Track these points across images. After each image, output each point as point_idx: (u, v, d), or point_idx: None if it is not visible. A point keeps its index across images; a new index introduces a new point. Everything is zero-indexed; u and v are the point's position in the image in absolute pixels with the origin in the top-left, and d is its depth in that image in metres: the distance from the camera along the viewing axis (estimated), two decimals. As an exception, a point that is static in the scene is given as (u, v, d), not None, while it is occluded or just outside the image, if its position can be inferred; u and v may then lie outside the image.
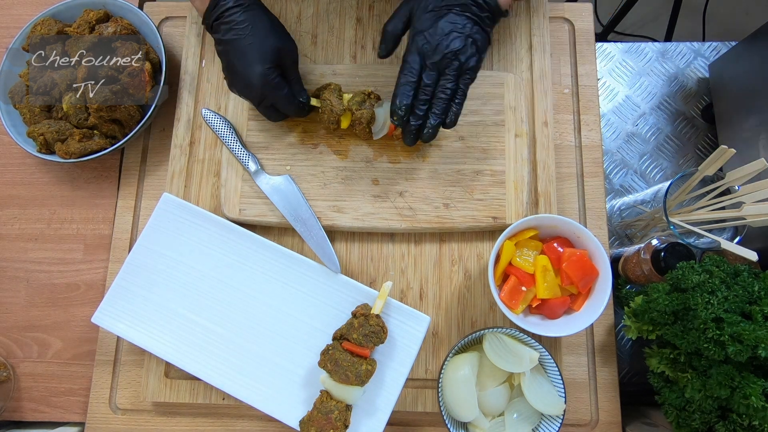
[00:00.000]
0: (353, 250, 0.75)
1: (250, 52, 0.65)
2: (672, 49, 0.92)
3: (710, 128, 0.88)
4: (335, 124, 0.71)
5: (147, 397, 0.71)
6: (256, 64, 0.65)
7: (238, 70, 0.66)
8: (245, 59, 0.66)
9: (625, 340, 0.80)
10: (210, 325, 0.70)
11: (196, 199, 0.77)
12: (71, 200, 0.82)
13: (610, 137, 0.88)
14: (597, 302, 0.65)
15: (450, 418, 0.64)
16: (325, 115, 0.70)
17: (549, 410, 0.63)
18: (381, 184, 0.74)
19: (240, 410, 0.72)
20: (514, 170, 0.74)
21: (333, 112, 0.70)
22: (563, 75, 0.83)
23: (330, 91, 0.71)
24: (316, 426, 0.62)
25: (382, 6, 0.84)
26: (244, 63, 0.66)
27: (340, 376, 0.63)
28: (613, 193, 0.86)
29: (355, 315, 0.67)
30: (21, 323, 0.78)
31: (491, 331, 0.66)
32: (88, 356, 0.77)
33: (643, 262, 0.70)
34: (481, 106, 0.76)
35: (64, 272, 0.79)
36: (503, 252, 0.67)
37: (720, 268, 0.63)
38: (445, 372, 0.65)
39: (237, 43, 0.66)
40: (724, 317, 0.58)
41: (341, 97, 0.71)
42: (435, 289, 0.74)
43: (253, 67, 0.65)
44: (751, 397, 0.56)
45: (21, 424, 0.77)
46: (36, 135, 0.76)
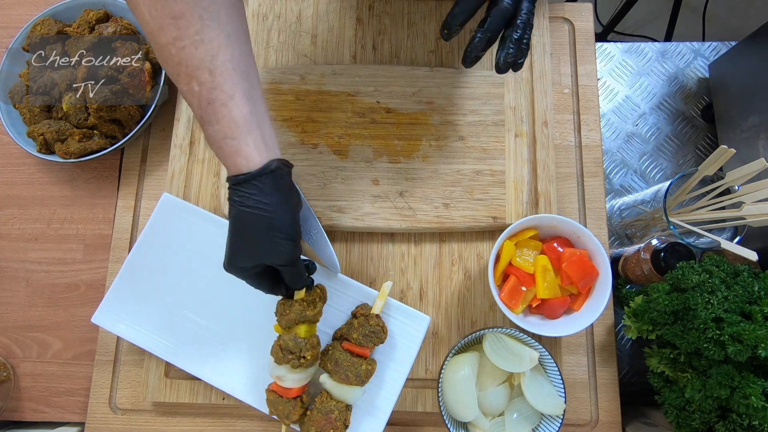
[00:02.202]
0: (353, 250, 0.75)
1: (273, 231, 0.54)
2: (672, 49, 0.92)
3: (710, 128, 0.88)
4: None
5: (147, 397, 0.71)
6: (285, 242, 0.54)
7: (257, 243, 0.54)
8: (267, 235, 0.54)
9: (625, 340, 0.80)
10: (210, 324, 0.70)
11: (196, 199, 0.77)
12: (71, 200, 0.82)
13: (610, 137, 0.88)
14: (597, 302, 0.65)
15: (450, 418, 0.64)
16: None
17: (549, 410, 0.63)
18: (381, 184, 0.74)
19: (240, 410, 0.72)
20: (514, 170, 0.74)
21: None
22: (563, 75, 0.84)
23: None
24: (316, 426, 0.62)
25: (382, 6, 0.84)
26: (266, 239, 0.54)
27: (340, 376, 0.63)
28: (613, 193, 0.86)
29: (355, 315, 0.67)
30: (21, 323, 0.78)
31: (491, 331, 0.66)
32: (88, 356, 0.77)
33: (643, 262, 0.70)
34: (481, 106, 0.76)
35: (64, 272, 0.79)
36: (503, 252, 0.67)
37: (720, 268, 0.63)
38: (445, 372, 0.65)
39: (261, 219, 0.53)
40: (724, 317, 0.58)
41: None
42: (435, 289, 0.74)
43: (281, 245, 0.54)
44: (751, 397, 0.56)
45: (21, 424, 0.77)
46: (36, 135, 0.76)
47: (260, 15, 0.83)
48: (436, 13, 0.83)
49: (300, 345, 0.60)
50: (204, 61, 0.49)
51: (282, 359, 0.61)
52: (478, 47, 0.53)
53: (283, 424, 0.63)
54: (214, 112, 0.50)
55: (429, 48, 0.82)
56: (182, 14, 0.48)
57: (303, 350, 0.60)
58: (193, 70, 0.49)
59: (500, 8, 0.51)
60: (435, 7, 0.84)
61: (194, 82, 0.49)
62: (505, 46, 0.53)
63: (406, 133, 0.75)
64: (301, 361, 0.60)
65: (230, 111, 0.51)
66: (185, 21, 0.48)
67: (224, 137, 0.51)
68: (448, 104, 0.76)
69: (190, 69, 0.49)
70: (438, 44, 0.82)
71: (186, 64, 0.49)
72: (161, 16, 0.48)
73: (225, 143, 0.51)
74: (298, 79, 0.77)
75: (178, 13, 0.48)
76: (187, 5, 0.48)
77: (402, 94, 0.77)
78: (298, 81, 0.77)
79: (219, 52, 0.50)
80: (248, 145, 0.51)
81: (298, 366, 0.60)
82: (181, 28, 0.48)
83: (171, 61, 0.49)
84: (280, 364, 0.61)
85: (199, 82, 0.49)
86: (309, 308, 0.61)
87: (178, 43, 0.48)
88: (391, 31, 0.83)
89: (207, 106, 0.50)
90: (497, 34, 0.53)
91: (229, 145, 0.51)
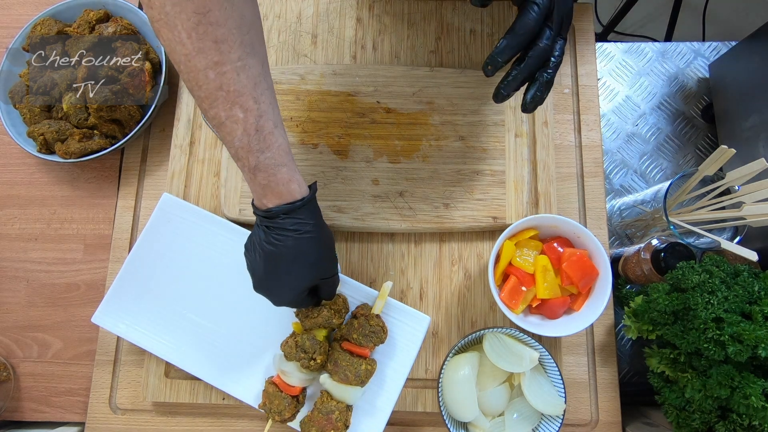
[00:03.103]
0: (353, 250, 0.75)
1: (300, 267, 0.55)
2: (672, 49, 0.92)
3: (710, 128, 0.88)
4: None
5: (147, 397, 0.71)
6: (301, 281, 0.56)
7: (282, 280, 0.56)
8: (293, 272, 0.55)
9: (625, 340, 0.80)
10: (210, 324, 0.70)
11: (196, 199, 0.77)
12: (71, 200, 0.82)
13: (610, 137, 0.88)
14: (597, 302, 0.65)
15: (450, 418, 0.64)
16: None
17: (549, 410, 0.63)
18: (381, 184, 0.74)
19: (240, 410, 0.72)
20: (514, 170, 0.74)
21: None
22: (563, 75, 0.84)
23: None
24: (317, 426, 0.62)
25: (382, 6, 0.84)
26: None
27: (340, 376, 0.63)
28: (613, 193, 0.86)
29: (355, 315, 0.67)
30: (21, 323, 0.78)
31: (491, 331, 0.66)
32: (88, 356, 0.77)
33: (643, 262, 0.70)
34: (481, 106, 0.76)
35: (64, 272, 0.79)
36: (503, 252, 0.67)
37: (720, 268, 0.63)
38: (445, 372, 0.65)
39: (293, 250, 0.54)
40: (724, 317, 0.58)
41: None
42: (435, 289, 0.74)
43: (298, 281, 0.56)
44: (751, 397, 0.56)
45: (21, 424, 0.77)
46: (36, 135, 0.76)
47: (260, 15, 0.83)
48: (436, 13, 0.83)
49: (315, 347, 0.63)
50: (247, 87, 0.48)
51: (293, 356, 0.63)
52: (512, 85, 0.52)
53: (272, 419, 0.63)
54: (264, 139, 0.50)
55: (429, 48, 0.82)
56: (225, 39, 0.47)
57: (317, 352, 0.62)
58: (235, 96, 0.48)
59: (539, 48, 0.50)
60: (435, 7, 0.84)
61: (237, 108, 0.48)
62: (535, 86, 0.52)
63: (406, 133, 0.75)
64: (311, 363, 0.62)
65: (277, 139, 0.51)
66: (227, 46, 0.47)
67: (276, 164, 0.51)
68: (448, 104, 0.76)
69: (232, 95, 0.48)
70: (438, 44, 0.82)
71: (227, 90, 0.48)
72: (203, 40, 0.46)
73: (278, 170, 0.51)
74: (298, 79, 0.77)
75: (221, 37, 0.46)
76: (230, 31, 0.47)
77: (402, 94, 0.77)
78: (298, 81, 0.77)
79: (259, 80, 0.49)
80: (297, 171, 0.53)
81: (308, 366, 0.62)
82: (224, 53, 0.47)
83: (208, 86, 0.48)
84: (289, 360, 0.63)
85: (244, 109, 0.48)
86: (336, 316, 0.64)
87: (219, 68, 0.47)
88: (391, 31, 0.83)
89: (256, 134, 0.49)
90: (533, 75, 0.52)
91: (282, 173, 0.52)
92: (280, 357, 0.65)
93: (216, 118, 0.49)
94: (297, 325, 0.65)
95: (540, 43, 0.50)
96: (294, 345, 0.63)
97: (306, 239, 0.53)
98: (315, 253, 0.54)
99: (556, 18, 0.50)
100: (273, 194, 0.52)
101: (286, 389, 0.64)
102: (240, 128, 0.49)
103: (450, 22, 0.83)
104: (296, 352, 0.63)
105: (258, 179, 0.52)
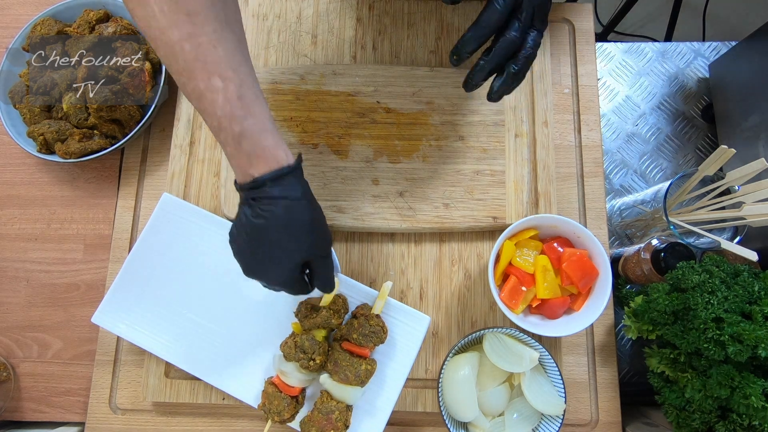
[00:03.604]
0: (353, 250, 0.75)
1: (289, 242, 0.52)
2: (672, 49, 0.92)
3: (710, 128, 0.88)
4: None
5: (147, 397, 0.71)
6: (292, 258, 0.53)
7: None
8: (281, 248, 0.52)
9: (625, 340, 0.80)
10: (210, 324, 0.70)
11: (196, 199, 0.77)
12: (71, 200, 0.82)
13: (610, 137, 0.88)
14: (597, 302, 0.65)
15: (450, 418, 0.64)
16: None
17: (549, 410, 0.63)
18: (381, 184, 0.74)
19: (240, 410, 0.72)
20: (514, 170, 0.74)
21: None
22: (563, 75, 0.84)
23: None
24: (317, 426, 0.62)
25: (382, 6, 0.84)
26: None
27: (340, 376, 0.63)
28: (613, 193, 0.86)
29: (355, 315, 0.67)
30: (21, 323, 0.78)
31: (491, 331, 0.66)
32: (88, 356, 0.77)
33: (643, 262, 0.70)
34: (481, 105, 0.76)
35: (64, 272, 0.79)
36: (503, 252, 0.67)
37: (720, 268, 0.63)
38: (445, 372, 0.65)
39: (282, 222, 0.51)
40: (724, 317, 0.58)
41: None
42: (435, 289, 0.74)
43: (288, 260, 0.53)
44: (751, 397, 0.56)
45: (21, 424, 0.77)
46: (36, 135, 0.76)
47: (260, 15, 0.83)
48: (436, 13, 0.83)
49: (314, 347, 0.63)
50: (224, 59, 0.48)
51: (293, 356, 0.63)
52: (479, 75, 0.53)
53: (271, 420, 0.63)
54: (247, 106, 0.49)
55: (429, 48, 0.82)
56: (197, 12, 0.47)
57: (316, 353, 0.63)
58: (213, 66, 0.48)
59: (506, 39, 0.51)
60: (435, 7, 0.84)
61: (216, 78, 0.48)
62: (502, 77, 0.53)
63: (406, 133, 0.75)
64: (310, 363, 0.63)
65: (260, 106, 0.50)
66: (201, 18, 0.47)
67: (262, 130, 0.50)
68: (448, 104, 0.76)
69: (210, 65, 0.48)
70: (438, 44, 0.82)
71: (204, 61, 0.48)
72: (175, 12, 0.47)
73: (264, 136, 0.50)
74: (298, 79, 0.77)
75: (193, 10, 0.47)
76: (201, 4, 0.47)
77: (402, 94, 0.77)
78: (298, 81, 0.77)
79: (236, 53, 0.49)
80: (282, 141, 0.51)
81: (307, 366, 0.63)
82: (197, 24, 0.47)
83: (185, 57, 0.48)
84: (289, 361, 0.63)
85: (224, 78, 0.48)
86: (335, 317, 0.64)
87: (194, 40, 0.47)
88: (391, 31, 0.83)
89: (238, 100, 0.49)
90: (499, 65, 0.53)
91: (268, 139, 0.50)
92: (280, 357, 0.65)
93: (195, 90, 0.49)
94: (296, 326, 0.65)
95: (507, 34, 0.50)
96: (293, 345, 0.64)
97: (296, 204, 0.50)
98: (307, 220, 0.51)
99: (526, 10, 0.50)
100: (260, 161, 0.50)
101: (286, 390, 0.64)
102: (221, 97, 0.48)
103: (450, 22, 0.83)
104: (295, 353, 0.63)
105: (243, 147, 0.50)
